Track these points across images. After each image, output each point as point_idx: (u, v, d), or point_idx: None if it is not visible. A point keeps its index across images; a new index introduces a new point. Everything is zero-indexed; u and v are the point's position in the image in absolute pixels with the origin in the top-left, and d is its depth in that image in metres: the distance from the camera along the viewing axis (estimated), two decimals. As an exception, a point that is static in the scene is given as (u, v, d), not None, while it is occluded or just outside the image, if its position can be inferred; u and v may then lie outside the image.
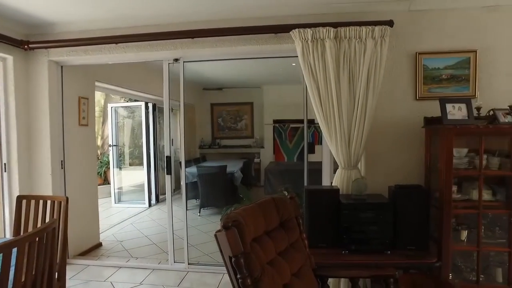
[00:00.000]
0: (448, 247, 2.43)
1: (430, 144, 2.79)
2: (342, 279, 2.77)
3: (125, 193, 6.89)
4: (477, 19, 2.87)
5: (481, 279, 2.47)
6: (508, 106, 2.57)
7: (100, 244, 4.25)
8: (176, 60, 3.38)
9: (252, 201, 1.79)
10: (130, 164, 7.16)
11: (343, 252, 2.47)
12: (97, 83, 4.37)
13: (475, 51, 2.86)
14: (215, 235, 1.45)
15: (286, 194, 2.04)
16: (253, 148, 8.53)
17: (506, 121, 2.46)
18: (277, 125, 8.30)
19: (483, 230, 2.49)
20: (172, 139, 3.60)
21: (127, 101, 7.22)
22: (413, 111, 2.93)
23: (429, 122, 2.80)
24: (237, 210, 1.56)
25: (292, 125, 8.18)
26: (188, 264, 3.47)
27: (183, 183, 3.72)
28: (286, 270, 1.68)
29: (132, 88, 5.36)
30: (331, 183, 2.99)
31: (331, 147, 2.84)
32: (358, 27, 2.70)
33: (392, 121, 2.98)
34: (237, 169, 6.20)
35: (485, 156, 2.45)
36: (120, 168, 6.91)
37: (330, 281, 2.65)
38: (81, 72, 3.91)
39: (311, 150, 7.03)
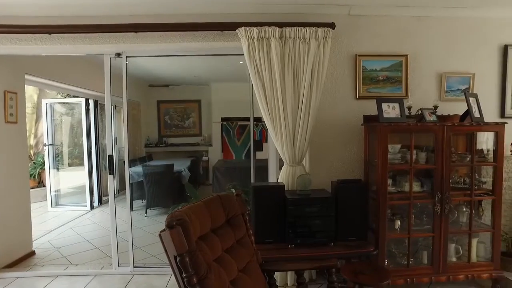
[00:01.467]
0: (384, 236, 2.64)
1: (369, 140, 2.99)
2: (289, 272, 2.87)
3: (64, 196, 6.39)
4: (408, 27, 3.14)
5: (411, 262, 2.73)
6: (433, 106, 2.87)
7: (33, 253, 3.89)
8: (118, 54, 3.21)
9: (200, 199, 1.77)
10: (70, 165, 6.66)
11: (289, 246, 2.55)
12: (27, 77, 3.97)
13: (406, 56, 3.12)
14: (160, 235, 1.41)
15: (234, 191, 2.04)
16: (201, 146, 8.40)
17: (431, 119, 2.74)
18: (225, 123, 8.25)
19: (413, 218, 2.75)
20: (116, 138, 3.42)
21: (65, 97, 6.70)
22: (353, 109, 3.13)
23: (368, 120, 3.00)
24: (182, 209, 1.53)
25: (240, 123, 8.19)
26: (134, 267, 3.33)
27: (127, 183, 3.55)
28: (233, 266, 1.69)
29: (70, 83, 4.95)
30: (277, 179, 3.06)
31: (277, 144, 2.91)
32: (302, 28, 2.80)
33: (335, 119, 3.14)
34: (184, 167, 6.07)
35: (415, 152, 2.70)
36: (58, 169, 6.40)
37: (277, 274, 2.72)
38: (6, 63, 3.51)
39: (259, 148, 7.12)
